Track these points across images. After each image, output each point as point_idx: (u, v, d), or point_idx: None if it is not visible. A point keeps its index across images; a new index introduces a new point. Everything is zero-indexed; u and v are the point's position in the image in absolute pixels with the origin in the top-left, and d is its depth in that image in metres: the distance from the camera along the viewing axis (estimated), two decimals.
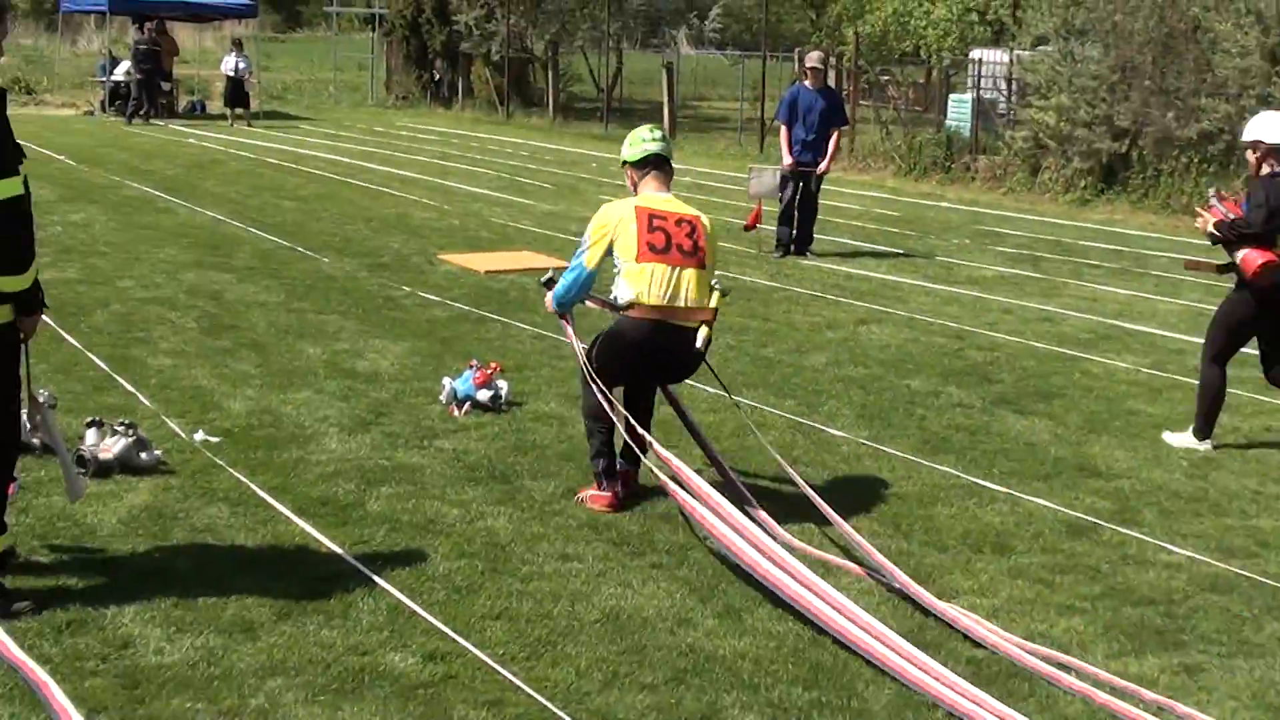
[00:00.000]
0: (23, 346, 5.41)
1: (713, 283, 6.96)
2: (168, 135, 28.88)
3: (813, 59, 15.75)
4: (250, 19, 41.17)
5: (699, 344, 6.76)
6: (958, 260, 15.60)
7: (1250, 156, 8.04)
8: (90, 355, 9.33)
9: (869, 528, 6.54)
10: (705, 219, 7.04)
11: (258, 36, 47.91)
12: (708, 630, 5.41)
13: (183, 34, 43.40)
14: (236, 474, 6.94)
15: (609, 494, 6.82)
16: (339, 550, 6.04)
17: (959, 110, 25.90)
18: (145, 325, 10.46)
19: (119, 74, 33.47)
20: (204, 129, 30.77)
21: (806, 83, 15.55)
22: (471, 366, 8.62)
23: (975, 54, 26.58)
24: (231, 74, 33.15)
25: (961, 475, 7.46)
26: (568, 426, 8.09)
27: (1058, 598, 5.89)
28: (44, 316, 5.51)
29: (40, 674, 4.76)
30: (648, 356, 6.91)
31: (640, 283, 6.74)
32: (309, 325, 10.62)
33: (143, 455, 6.97)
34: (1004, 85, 25.14)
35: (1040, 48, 23.39)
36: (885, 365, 10.08)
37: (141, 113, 31.96)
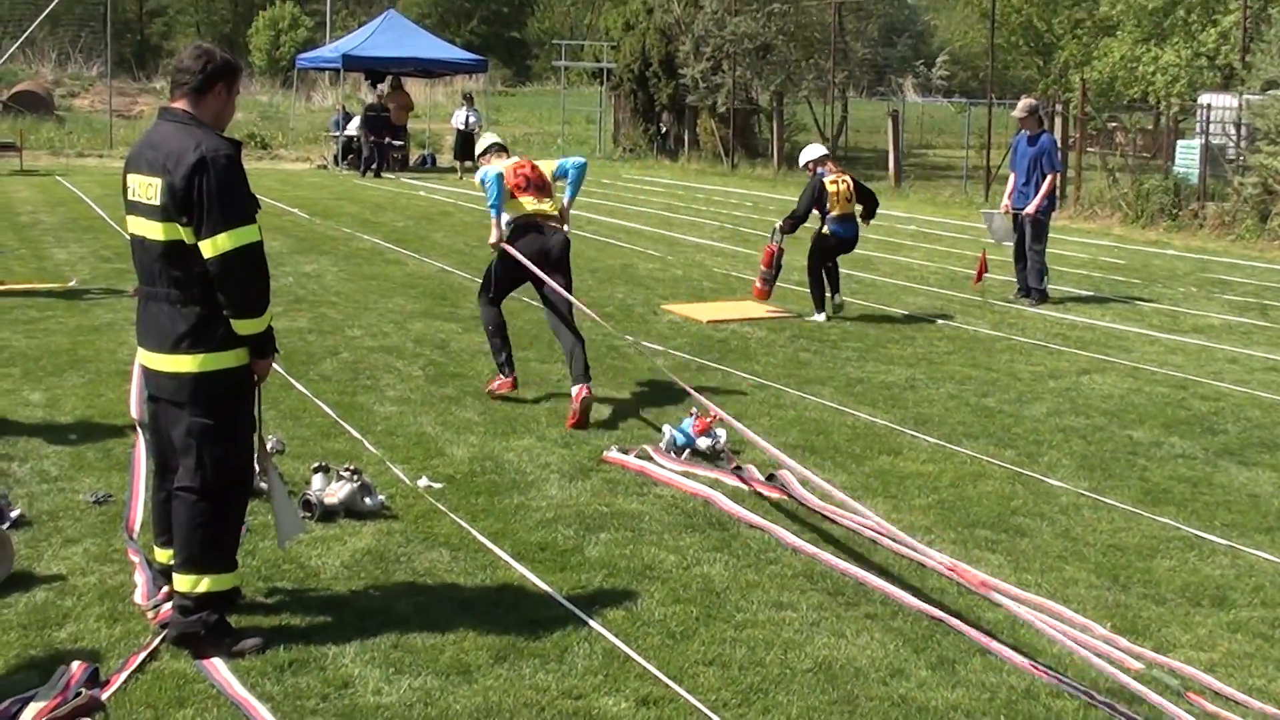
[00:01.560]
0: (256, 390, 5.71)
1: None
2: (398, 188, 29.86)
3: (1019, 108, 15.74)
4: (480, 74, 42.24)
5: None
6: (1183, 309, 15.24)
7: None
8: (318, 402, 9.71)
9: (1086, 579, 6.45)
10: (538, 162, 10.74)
11: (487, 91, 49.10)
12: (920, 681, 5.38)
13: (414, 89, 44.76)
14: (458, 519, 7.15)
15: (509, 380, 10.10)
16: (556, 594, 6.17)
17: (1187, 156, 25.25)
18: (373, 373, 10.84)
19: (351, 129, 34.69)
20: (434, 182, 31.72)
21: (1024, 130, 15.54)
22: (691, 415, 8.75)
23: (1204, 99, 25.89)
24: (462, 128, 34.11)
25: (1182, 527, 7.29)
26: None
27: (1277, 652, 5.74)
28: (274, 364, 5.79)
29: (262, 711, 4.94)
30: (542, 252, 10.23)
31: (519, 208, 10.29)
32: (532, 374, 10.86)
33: (367, 500, 7.23)
34: (1233, 130, 24.43)
35: (1271, 92, 22.71)
36: (1107, 415, 9.91)
37: (373, 167, 33.08)
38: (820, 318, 13.79)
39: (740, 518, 7.25)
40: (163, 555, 5.81)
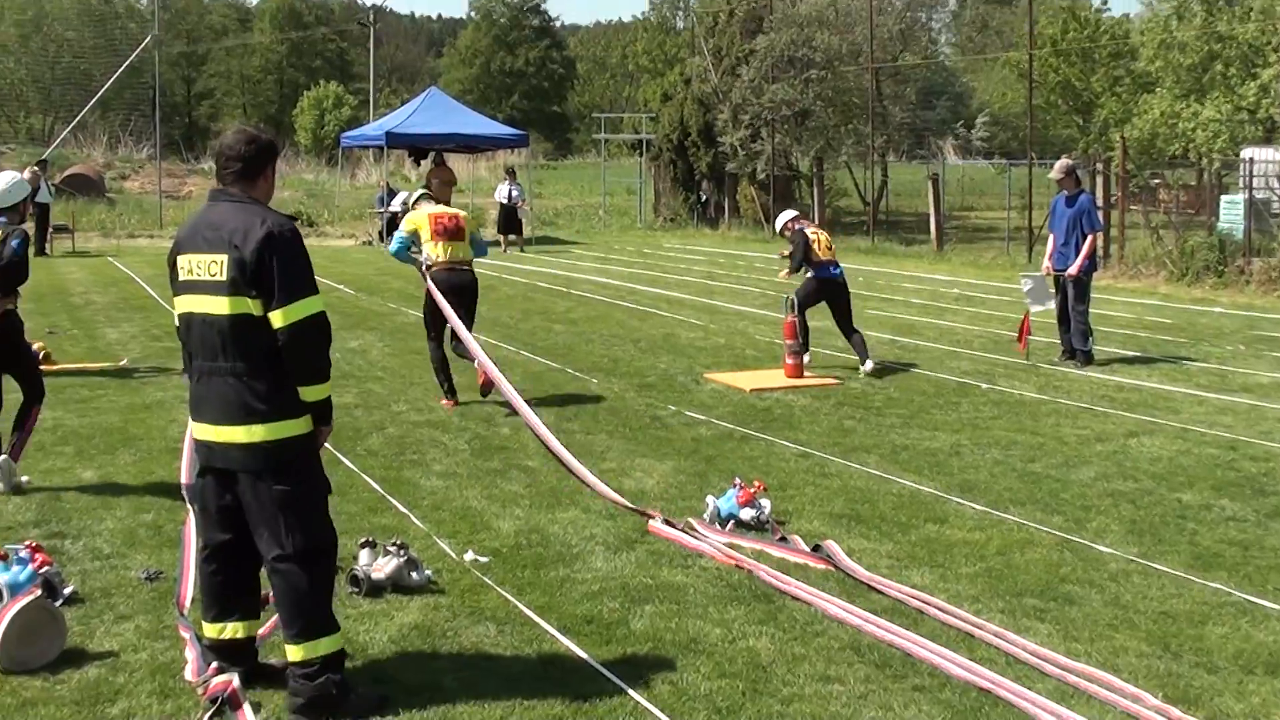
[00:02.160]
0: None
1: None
2: None
3: (1056, 168, 15.72)
4: (522, 148, 42.59)
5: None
6: (1232, 368, 15.13)
7: None
8: (365, 477, 9.76)
9: (1136, 647, 6.39)
10: (461, 214, 13.24)
11: (529, 164, 49.49)
12: None
13: (458, 164, 45.16)
14: (504, 593, 7.16)
15: (451, 402, 12.74)
16: (602, 669, 6.16)
17: (1231, 212, 25.17)
18: (419, 448, 10.90)
19: (396, 204, 34.96)
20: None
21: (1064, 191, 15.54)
22: (735, 485, 8.75)
23: (1246, 153, 25.86)
24: (505, 201, 34.41)
25: (1234, 592, 7.22)
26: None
27: None
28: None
29: None
30: (451, 288, 12.38)
31: (434, 251, 12.60)
32: (577, 445, 10.86)
33: (413, 575, 7.25)
34: (1277, 184, 24.35)
35: None
36: (1155, 478, 9.84)
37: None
38: (807, 358, 14.80)
39: (785, 590, 7.22)
40: (212, 630, 5.87)
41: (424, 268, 12.66)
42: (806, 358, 14.76)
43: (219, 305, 5.49)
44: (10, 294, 9.64)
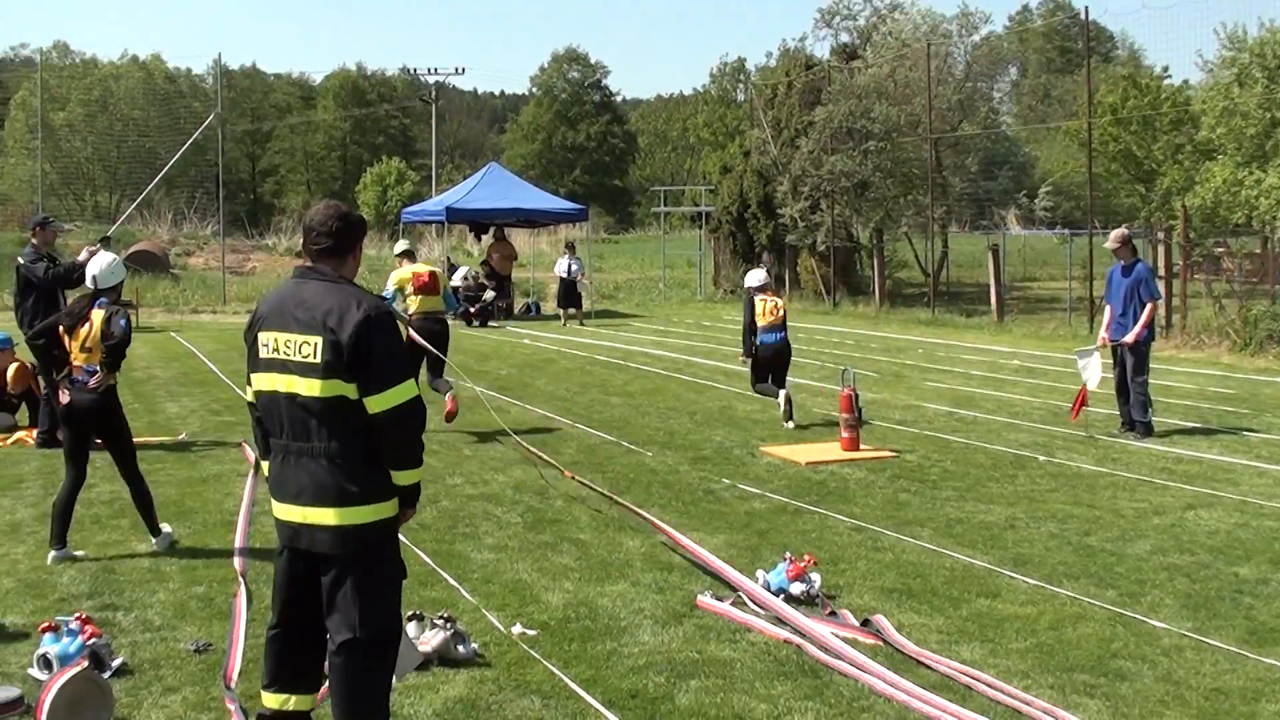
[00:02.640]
0: None
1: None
2: (503, 336, 30.25)
3: (1112, 238, 15.56)
4: (581, 222, 42.84)
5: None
6: None
7: None
8: (417, 550, 9.76)
9: None
10: (438, 270, 16.44)
11: (589, 238, 49.75)
12: None
13: (519, 238, 45.51)
14: (550, 666, 7.14)
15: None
16: None
17: None
18: (471, 521, 10.91)
19: (456, 279, 35.23)
20: (538, 329, 32.09)
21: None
22: (785, 559, 8.71)
23: None
24: (565, 275, 34.58)
25: None
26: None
27: None
28: None
29: None
30: (428, 335, 15.29)
31: (413, 304, 15.70)
32: (629, 519, 10.86)
33: (460, 648, 7.25)
34: None
35: None
36: (1212, 551, 9.70)
37: (475, 322, 33.61)
38: (782, 398, 16.31)
39: (833, 665, 7.16)
40: (272, 700, 5.77)
41: (405, 317, 15.57)
42: (781, 398, 16.34)
43: (312, 387, 5.38)
44: (115, 370, 9.94)
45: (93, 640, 7.18)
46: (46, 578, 9.16)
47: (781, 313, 16.89)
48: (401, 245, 17.42)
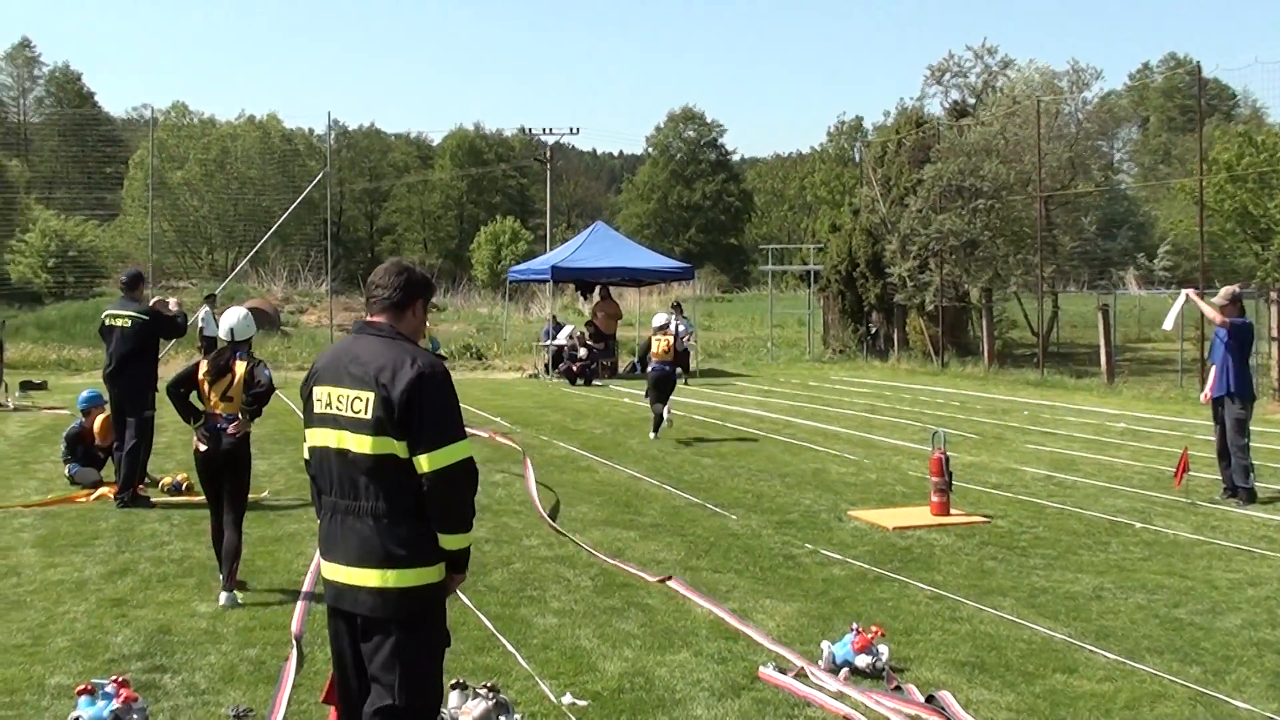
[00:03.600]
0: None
1: None
2: (604, 395, 30.10)
3: (1220, 295, 15.05)
4: (688, 280, 42.67)
5: None
6: None
7: None
8: (479, 614, 9.54)
9: None
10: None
11: (696, 298, 49.61)
12: None
13: (632, 296, 45.48)
14: None
15: None
16: None
17: None
18: (540, 584, 10.66)
19: (561, 338, 35.21)
20: (639, 388, 31.84)
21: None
22: (852, 630, 8.35)
23: None
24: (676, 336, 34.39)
25: None
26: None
27: None
28: None
29: None
30: None
31: None
32: (701, 583, 10.57)
33: (503, 719, 6.99)
34: None
35: None
36: None
37: (578, 381, 33.53)
38: (656, 414, 21.00)
39: None
40: None
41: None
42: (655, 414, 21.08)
43: (362, 444, 5.27)
44: (256, 418, 10.63)
45: (124, 705, 7.04)
46: (101, 638, 9.07)
47: (669, 350, 21.26)
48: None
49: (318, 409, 5.46)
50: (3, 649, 8.82)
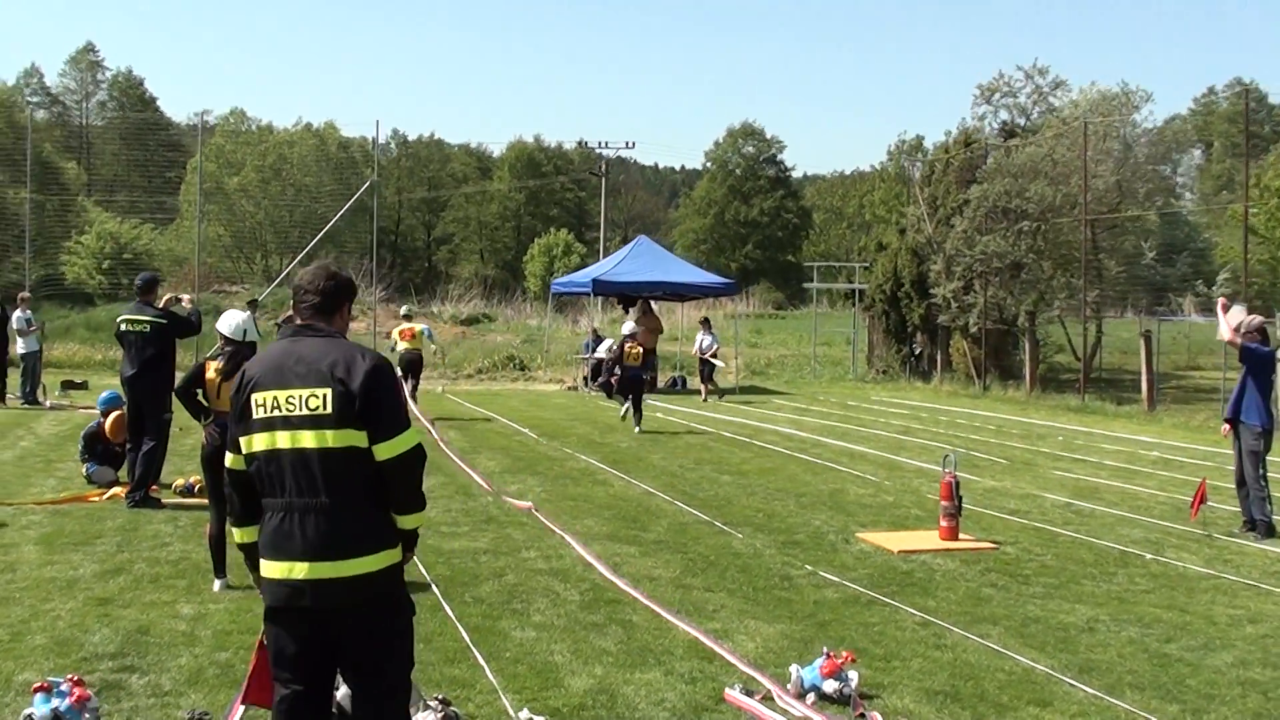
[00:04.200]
0: None
1: None
2: None
3: (1243, 322, 14.79)
4: (731, 296, 42.51)
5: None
6: None
7: None
8: (458, 626, 9.47)
9: None
10: (416, 328, 27.64)
11: (743, 314, 49.44)
12: None
13: (683, 311, 45.35)
14: None
15: None
16: None
17: None
18: (527, 597, 10.58)
19: (601, 351, 35.14)
20: (676, 404, 31.78)
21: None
22: (824, 654, 8.22)
23: None
24: (700, 351, 34.38)
25: None
26: None
27: None
28: (433, 586, 5.70)
29: None
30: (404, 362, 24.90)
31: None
32: (689, 602, 10.47)
33: None
34: None
35: None
36: None
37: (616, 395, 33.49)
38: (624, 409, 25.64)
39: None
40: None
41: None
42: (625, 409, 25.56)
43: (323, 439, 5.35)
44: None
45: (77, 703, 7.04)
46: (79, 636, 9.07)
47: (639, 357, 25.32)
48: (404, 308, 28.26)
49: (259, 415, 5.47)
50: None
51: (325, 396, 5.35)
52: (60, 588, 10.57)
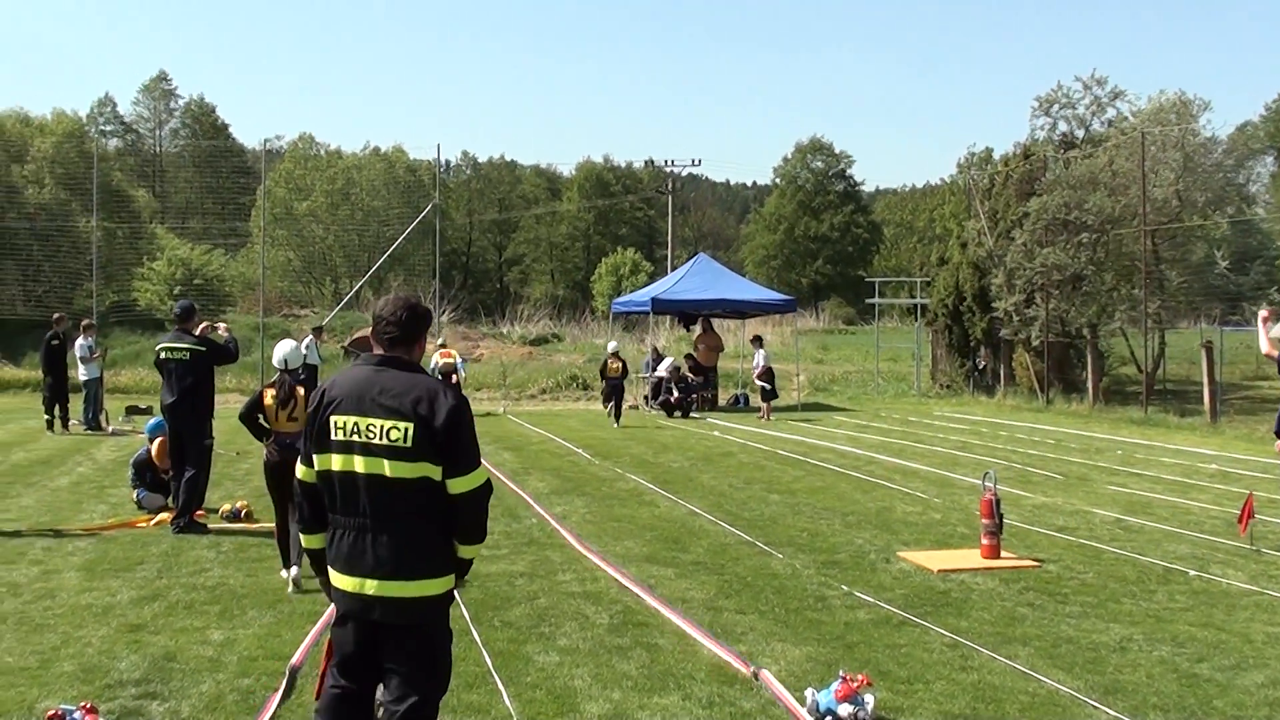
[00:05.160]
0: None
1: None
2: (695, 428, 29.99)
3: None
4: (790, 313, 42.37)
5: None
6: None
7: None
8: (482, 650, 9.49)
9: None
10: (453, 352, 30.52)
11: (817, 329, 49.22)
12: None
13: (753, 328, 45.27)
14: None
15: None
16: None
17: None
18: (557, 620, 10.57)
19: (662, 369, 35.14)
20: (735, 422, 31.74)
21: None
22: (840, 677, 8.16)
23: None
24: (757, 368, 34.36)
25: None
26: None
27: None
28: (462, 608, 6.41)
29: None
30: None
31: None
32: (718, 625, 10.42)
33: None
34: None
35: None
36: None
37: (675, 413, 33.49)
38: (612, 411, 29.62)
39: None
40: None
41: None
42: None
43: (399, 469, 5.68)
44: None
45: None
46: (107, 663, 9.16)
47: (620, 371, 31.07)
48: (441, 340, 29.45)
49: (337, 436, 5.81)
50: (10, 671, 8.96)
51: (407, 431, 5.67)
52: (95, 614, 10.69)
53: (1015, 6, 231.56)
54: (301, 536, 6.15)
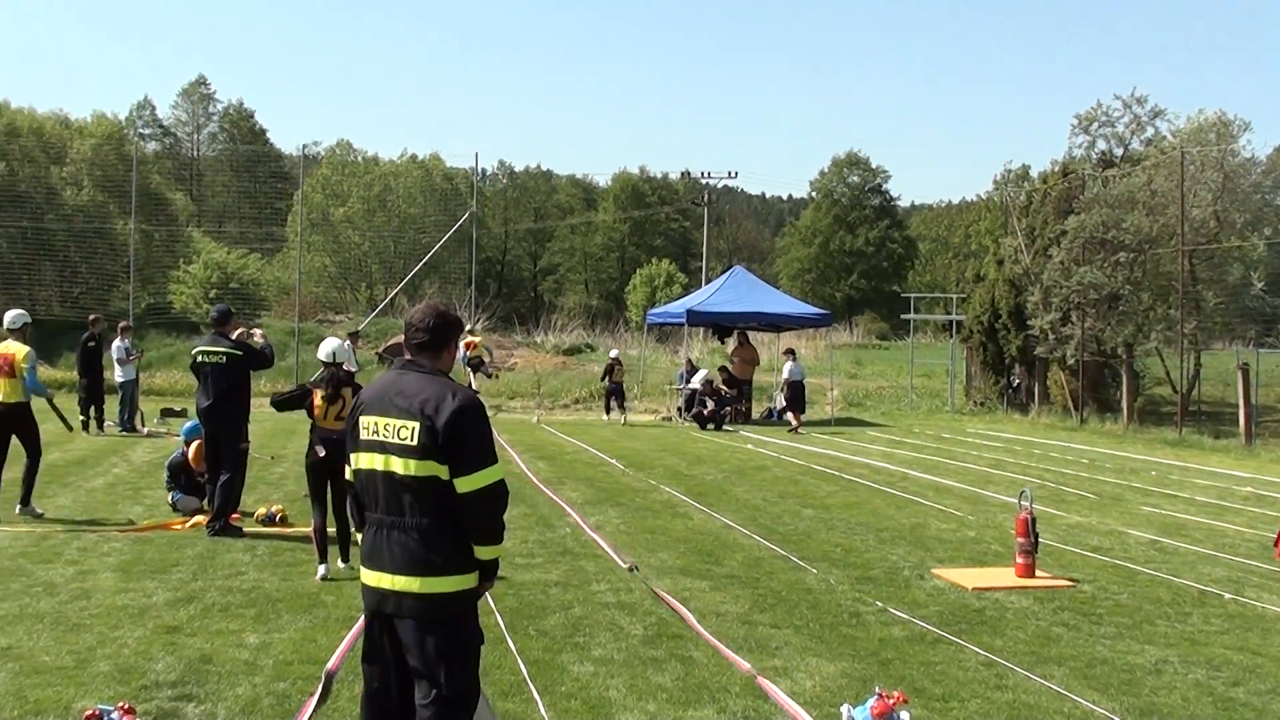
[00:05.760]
0: None
1: None
2: (729, 440, 29.97)
3: None
4: (824, 326, 42.29)
5: None
6: None
7: None
8: (517, 659, 9.51)
9: None
10: (477, 340, 35.04)
11: (851, 344, 49.13)
12: None
13: (788, 341, 45.22)
14: None
15: None
16: None
17: None
18: (591, 630, 10.59)
19: (696, 382, 35.12)
20: (768, 434, 31.71)
21: None
22: (875, 694, 8.15)
23: None
24: (785, 378, 34.36)
25: None
26: None
27: None
28: (496, 616, 6.29)
29: None
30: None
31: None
32: (753, 639, 10.42)
33: None
34: None
35: None
36: None
37: (709, 425, 33.48)
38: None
39: None
40: None
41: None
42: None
43: (408, 467, 5.87)
44: None
45: None
46: (143, 664, 9.21)
47: (620, 376, 33.76)
48: (469, 328, 29.57)
49: (364, 436, 6.08)
50: (47, 670, 9.02)
51: (414, 430, 5.86)
52: (131, 615, 10.76)
53: (1056, 24, 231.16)
54: (357, 535, 6.32)
